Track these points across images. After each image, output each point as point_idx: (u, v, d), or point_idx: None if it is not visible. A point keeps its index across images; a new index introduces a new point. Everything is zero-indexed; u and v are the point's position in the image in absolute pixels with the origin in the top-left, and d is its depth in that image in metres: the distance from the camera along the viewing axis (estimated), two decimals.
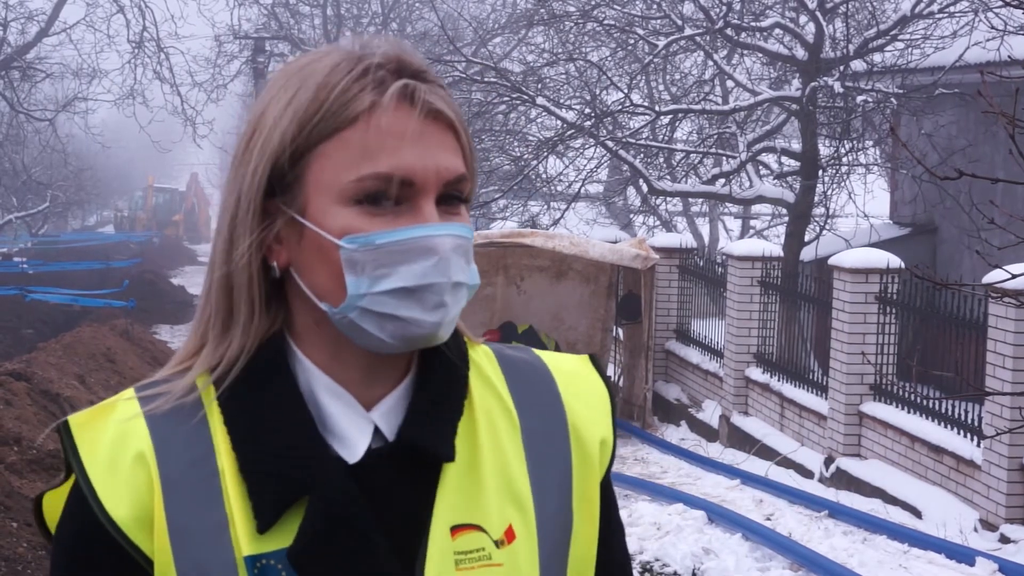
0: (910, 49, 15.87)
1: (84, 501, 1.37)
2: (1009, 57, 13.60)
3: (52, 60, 27.59)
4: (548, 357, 1.57)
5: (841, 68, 15.57)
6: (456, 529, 1.40)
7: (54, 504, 1.45)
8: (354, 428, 1.41)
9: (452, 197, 1.40)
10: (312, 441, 1.38)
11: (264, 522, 1.35)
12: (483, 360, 1.52)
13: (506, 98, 18.28)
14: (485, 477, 1.43)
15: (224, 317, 1.42)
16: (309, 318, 1.42)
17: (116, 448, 1.38)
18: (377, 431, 1.42)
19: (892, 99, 15.83)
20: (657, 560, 9.25)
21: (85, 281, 29.64)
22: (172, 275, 37.91)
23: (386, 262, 1.36)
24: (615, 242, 17.06)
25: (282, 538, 1.35)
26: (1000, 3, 10.67)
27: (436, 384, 1.45)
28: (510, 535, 1.42)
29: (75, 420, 1.42)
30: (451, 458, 1.42)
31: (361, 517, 1.36)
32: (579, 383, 1.55)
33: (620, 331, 16.49)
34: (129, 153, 59.78)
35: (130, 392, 1.44)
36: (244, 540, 1.35)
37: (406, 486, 1.41)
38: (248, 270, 1.40)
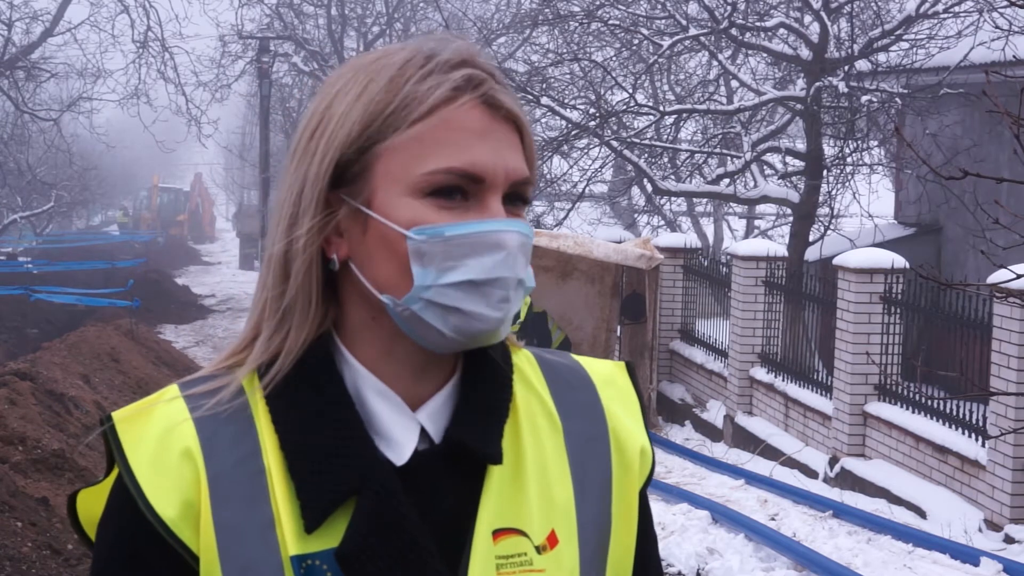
0: (915, 49, 15.86)
1: (128, 497, 1.37)
2: (1014, 57, 13.60)
3: (57, 60, 27.60)
4: (586, 362, 1.57)
5: (846, 68, 15.56)
6: (498, 533, 1.39)
7: (89, 502, 1.45)
8: (401, 430, 1.41)
9: (516, 197, 1.41)
10: (361, 442, 1.38)
11: (312, 522, 1.34)
12: (525, 364, 1.52)
13: None
14: (528, 481, 1.43)
15: (280, 306, 1.41)
16: (364, 314, 1.42)
17: (161, 445, 1.37)
18: (425, 433, 1.42)
19: (897, 99, 15.82)
20: (662, 560, 9.25)
21: (90, 281, 29.66)
22: (176, 275, 37.92)
23: (455, 255, 1.36)
24: (619, 242, 17.06)
25: (328, 538, 1.35)
26: (1005, 3, 10.66)
27: (483, 386, 1.45)
28: (552, 540, 1.42)
29: (119, 416, 1.41)
30: (499, 460, 1.41)
31: (409, 519, 1.36)
32: (616, 389, 1.55)
33: (621, 331, 16.49)
34: (134, 153, 59.89)
35: (174, 389, 1.43)
36: (291, 539, 1.34)
37: (451, 488, 1.40)
38: (307, 254, 1.40)
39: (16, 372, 12.19)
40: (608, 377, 1.55)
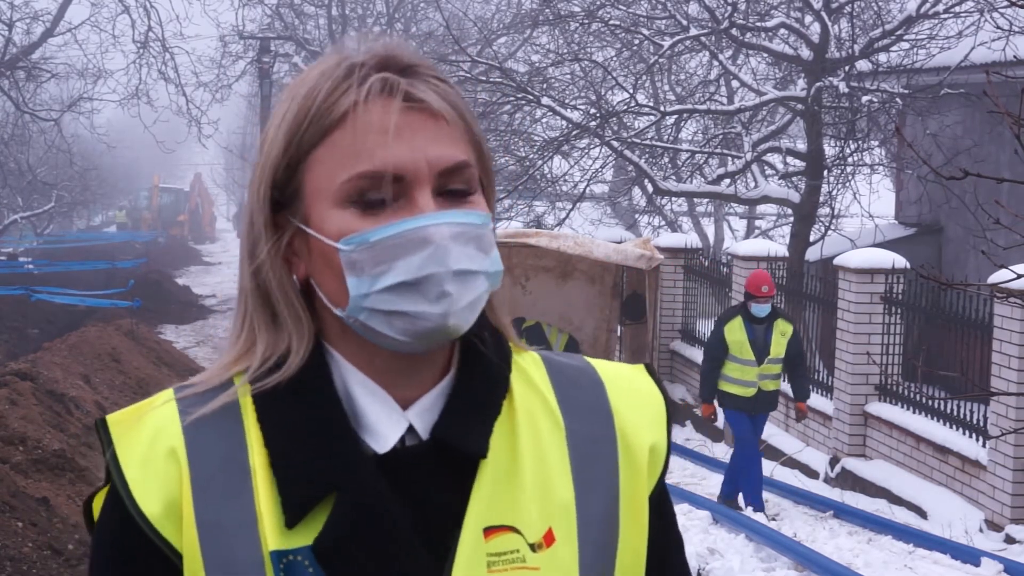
0: (915, 49, 15.87)
1: (119, 497, 1.39)
2: (1015, 57, 13.60)
3: (57, 60, 27.59)
4: (600, 364, 1.54)
5: (846, 68, 15.56)
6: (490, 530, 1.38)
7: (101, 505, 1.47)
8: (385, 420, 1.40)
9: (457, 190, 1.39)
10: (343, 436, 1.38)
11: (292, 517, 1.35)
12: (529, 365, 1.50)
13: (511, 98, 18.28)
14: (524, 479, 1.41)
15: (269, 324, 1.43)
16: (335, 325, 1.42)
17: (150, 446, 1.40)
18: (415, 432, 1.41)
19: (897, 99, 15.82)
20: None
21: (90, 281, 29.66)
22: (177, 275, 37.94)
23: (383, 259, 1.35)
24: (620, 242, 17.05)
25: (310, 534, 1.35)
26: (1005, 3, 10.66)
27: (474, 383, 1.44)
28: (549, 539, 1.40)
29: (112, 418, 1.44)
30: (483, 454, 1.40)
31: (389, 513, 1.36)
32: (630, 389, 1.52)
33: (622, 331, 16.49)
34: (134, 153, 59.88)
35: (169, 393, 1.45)
36: (271, 535, 1.35)
37: (441, 485, 1.39)
38: (278, 280, 1.42)
39: (17, 372, 12.19)
40: (621, 376, 1.53)
